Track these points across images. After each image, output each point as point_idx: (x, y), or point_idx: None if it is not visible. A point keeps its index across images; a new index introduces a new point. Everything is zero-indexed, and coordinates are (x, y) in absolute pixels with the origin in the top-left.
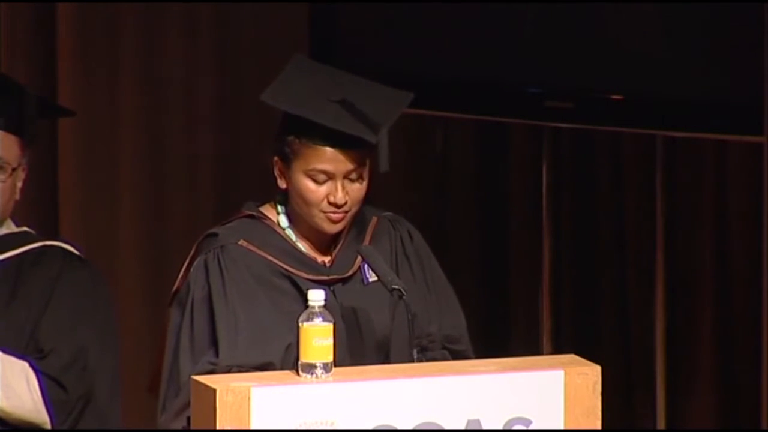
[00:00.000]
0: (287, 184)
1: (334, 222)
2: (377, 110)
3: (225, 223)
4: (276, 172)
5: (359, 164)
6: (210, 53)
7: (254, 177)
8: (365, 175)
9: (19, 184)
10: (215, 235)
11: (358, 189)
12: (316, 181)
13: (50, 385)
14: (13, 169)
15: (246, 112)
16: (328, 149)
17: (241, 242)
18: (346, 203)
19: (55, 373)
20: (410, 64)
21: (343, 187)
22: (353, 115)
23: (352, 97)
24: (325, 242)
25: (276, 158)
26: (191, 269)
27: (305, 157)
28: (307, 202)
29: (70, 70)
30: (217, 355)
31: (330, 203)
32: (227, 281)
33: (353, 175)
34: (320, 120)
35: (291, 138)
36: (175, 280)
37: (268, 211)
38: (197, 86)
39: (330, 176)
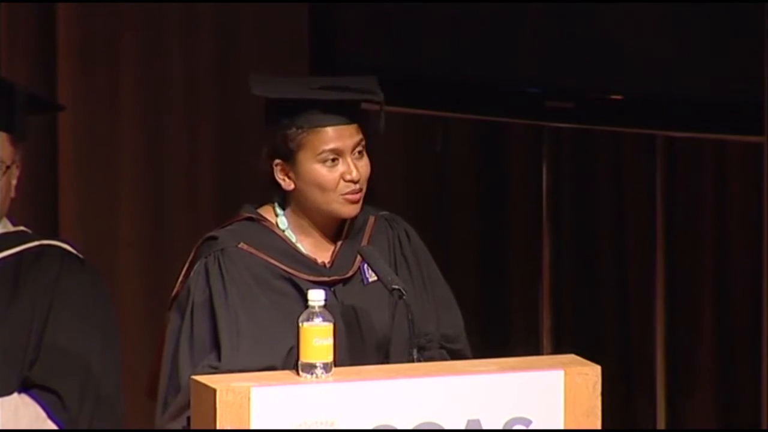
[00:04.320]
0: (295, 182)
1: (353, 203)
2: (359, 82)
3: (224, 226)
4: (278, 176)
5: (361, 137)
6: (210, 53)
7: (254, 177)
8: (365, 150)
9: (14, 182)
10: (215, 238)
11: (364, 165)
12: (327, 164)
13: (51, 402)
14: (7, 167)
15: (246, 112)
16: (330, 128)
17: (241, 245)
18: (360, 180)
19: (49, 381)
20: (410, 64)
21: (354, 163)
22: (345, 91)
23: (329, 83)
24: (325, 242)
25: (277, 161)
26: (191, 273)
27: (311, 143)
28: (324, 188)
29: (70, 70)
30: (218, 358)
31: (347, 181)
32: (228, 284)
33: (358, 149)
34: (327, 97)
35: (291, 131)
36: (175, 282)
37: (267, 212)
38: (197, 86)
39: (339, 154)
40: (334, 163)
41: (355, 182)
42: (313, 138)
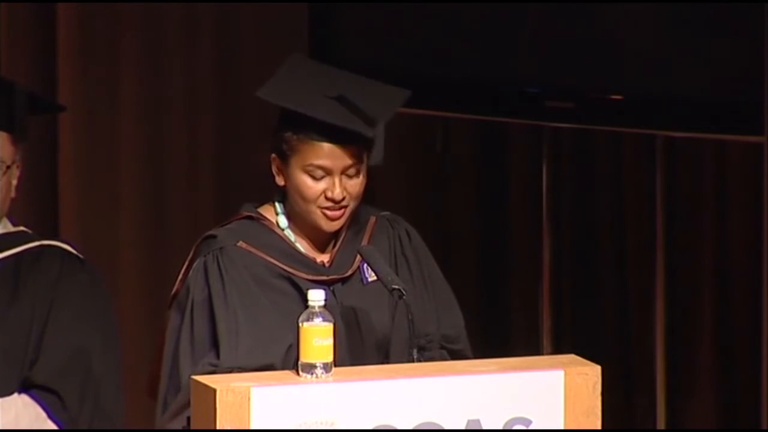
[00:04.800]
0: (285, 181)
1: (332, 219)
2: (374, 105)
3: (223, 225)
4: (274, 170)
5: (357, 160)
6: (210, 53)
7: (254, 177)
8: (363, 170)
9: (14, 182)
10: (214, 237)
11: (355, 185)
12: (313, 177)
13: (51, 402)
14: (8, 167)
15: (246, 112)
16: (325, 145)
17: (240, 244)
18: (344, 199)
19: (49, 381)
20: (410, 64)
21: (341, 183)
22: (349, 110)
23: (349, 93)
24: (324, 242)
25: (273, 155)
26: (190, 271)
27: (302, 153)
28: (304, 199)
29: (70, 69)
30: (218, 357)
31: (327, 199)
32: (227, 283)
33: (351, 171)
34: (316, 115)
35: (288, 134)
36: (175, 282)
37: (266, 211)
38: (197, 86)
39: (327, 172)
40: (321, 178)
41: (335, 201)
42: (305, 148)
